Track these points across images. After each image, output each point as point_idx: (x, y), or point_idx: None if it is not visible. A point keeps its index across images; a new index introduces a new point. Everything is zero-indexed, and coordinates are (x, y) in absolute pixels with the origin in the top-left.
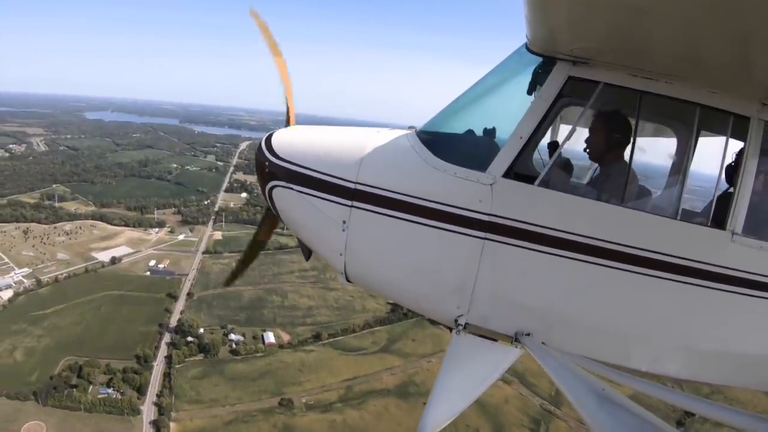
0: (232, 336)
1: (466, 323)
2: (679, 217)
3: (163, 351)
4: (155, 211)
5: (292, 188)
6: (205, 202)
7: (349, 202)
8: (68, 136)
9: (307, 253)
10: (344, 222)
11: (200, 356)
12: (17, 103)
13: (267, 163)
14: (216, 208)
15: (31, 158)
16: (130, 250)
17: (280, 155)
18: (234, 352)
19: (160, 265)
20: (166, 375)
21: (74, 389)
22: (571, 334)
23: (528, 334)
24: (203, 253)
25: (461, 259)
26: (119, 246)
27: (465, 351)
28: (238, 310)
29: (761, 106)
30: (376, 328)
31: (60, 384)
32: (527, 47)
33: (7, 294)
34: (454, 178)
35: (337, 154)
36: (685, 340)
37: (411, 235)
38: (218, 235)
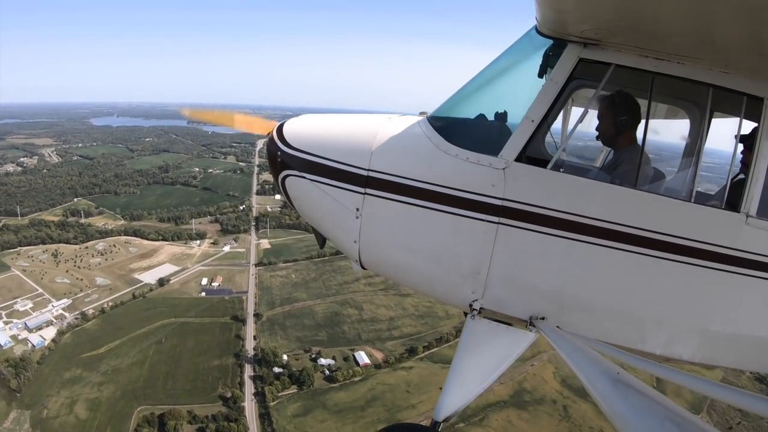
0: (322, 360)
1: (481, 308)
2: (692, 200)
3: (249, 387)
4: (192, 221)
5: (304, 177)
6: (241, 207)
7: (362, 190)
8: (79, 145)
9: (322, 241)
10: (358, 209)
11: (294, 388)
12: (21, 114)
13: (279, 153)
14: (254, 213)
15: (45, 171)
16: (176, 268)
17: (293, 144)
18: (329, 378)
19: (214, 284)
20: (263, 416)
21: None
22: (585, 318)
23: (542, 318)
24: (255, 265)
25: (475, 244)
26: (162, 264)
27: (480, 336)
28: (316, 329)
29: None
30: None
31: None
32: (537, 30)
33: (50, 333)
34: (467, 163)
35: (349, 142)
36: (699, 324)
37: (424, 221)
38: (266, 243)
